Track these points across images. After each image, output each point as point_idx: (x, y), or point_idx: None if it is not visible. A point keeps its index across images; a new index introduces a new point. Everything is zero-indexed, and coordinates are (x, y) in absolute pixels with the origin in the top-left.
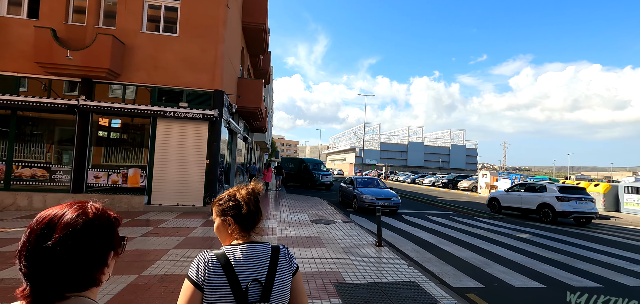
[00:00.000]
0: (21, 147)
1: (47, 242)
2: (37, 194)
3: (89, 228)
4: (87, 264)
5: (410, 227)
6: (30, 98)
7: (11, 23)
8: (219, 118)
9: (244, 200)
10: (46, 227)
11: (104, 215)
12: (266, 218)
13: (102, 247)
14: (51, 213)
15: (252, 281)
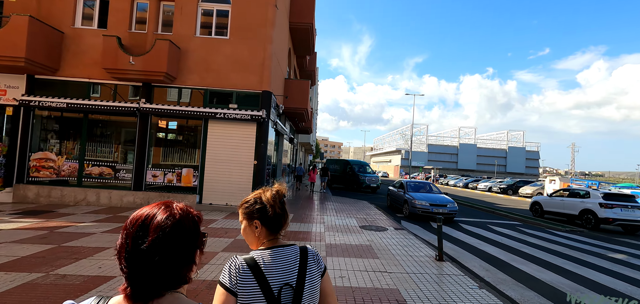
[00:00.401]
0: (91, 147)
1: (143, 244)
2: (103, 191)
3: (178, 229)
4: (179, 263)
5: (471, 238)
6: (99, 102)
7: (84, 34)
8: (266, 119)
9: (269, 202)
10: (140, 229)
11: (189, 215)
12: (313, 222)
13: (190, 246)
14: (142, 215)
15: (284, 286)
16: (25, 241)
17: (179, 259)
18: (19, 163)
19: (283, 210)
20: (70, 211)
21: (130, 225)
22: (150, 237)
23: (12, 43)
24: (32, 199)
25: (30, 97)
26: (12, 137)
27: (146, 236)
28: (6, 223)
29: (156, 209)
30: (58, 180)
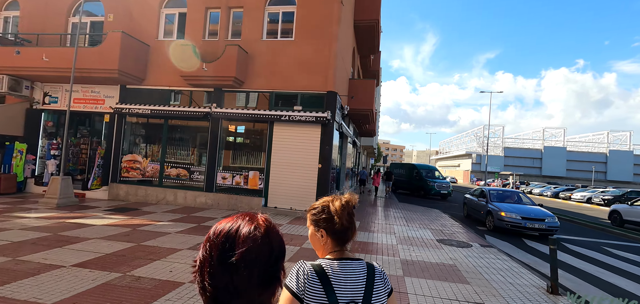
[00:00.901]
0: (170, 151)
1: (231, 257)
2: (180, 191)
3: (267, 242)
4: (267, 281)
5: (585, 263)
6: (176, 107)
7: (165, 44)
8: (331, 120)
9: (336, 213)
10: (226, 240)
11: (274, 228)
12: (381, 232)
13: (277, 262)
14: (226, 226)
15: (350, 303)
16: (111, 237)
17: (268, 277)
18: (113, 164)
19: (351, 222)
20: (151, 210)
21: (214, 236)
22: (239, 249)
23: (108, 57)
24: (122, 197)
25: (122, 105)
26: (109, 141)
27: (233, 248)
28: (99, 219)
29: (240, 220)
30: (143, 180)
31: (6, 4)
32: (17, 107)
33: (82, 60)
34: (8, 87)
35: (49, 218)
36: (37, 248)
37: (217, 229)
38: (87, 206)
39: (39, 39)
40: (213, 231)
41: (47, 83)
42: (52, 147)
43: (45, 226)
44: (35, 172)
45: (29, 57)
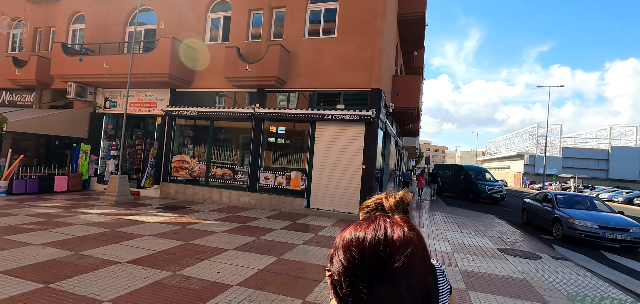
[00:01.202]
0: (215, 151)
1: (394, 262)
2: (224, 191)
3: (421, 247)
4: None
5: None
6: (221, 109)
7: (211, 48)
8: (376, 119)
9: (391, 210)
10: (379, 245)
11: (418, 232)
12: (433, 238)
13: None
14: (370, 231)
15: None
16: (162, 235)
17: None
18: (165, 164)
19: None
20: (198, 208)
21: (358, 242)
22: (399, 255)
23: (160, 61)
24: (172, 195)
25: (172, 107)
26: (160, 142)
27: (392, 254)
28: (152, 216)
29: (382, 222)
30: (191, 179)
31: (74, 18)
32: (83, 111)
33: (137, 65)
34: (75, 93)
35: (108, 214)
36: (97, 243)
37: (358, 236)
38: (141, 204)
39: (100, 48)
40: (352, 238)
41: (107, 88)
42: (111, 148)
43: (105, 222)
44: (97, 171)
45: (92, 65)
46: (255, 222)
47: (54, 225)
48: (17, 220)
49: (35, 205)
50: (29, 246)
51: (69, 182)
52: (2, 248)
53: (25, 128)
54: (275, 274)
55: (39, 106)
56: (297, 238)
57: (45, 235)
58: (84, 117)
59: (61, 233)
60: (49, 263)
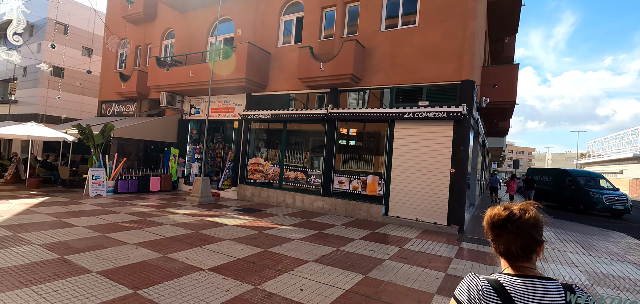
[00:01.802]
0: (288, 154)
1: None
2: (298, 194)
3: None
4: None
5: None
6: (294, 111)
7: (284, 51)
8: (467, 115)
9: (526, 225)
10: None
11: None
12: (554, 262)
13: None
14: None
15: None
16: (241, 240)
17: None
18: (241, 167)
19: (539, 234)
20: (273, 212)
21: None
22: None
23: (237, 67)
24: (248, 198)
25: (248, 111)
26: (237, 145)
27: None
28: (231, 218)
29: None
30: (265, 182)
31: (166, 34)
32: (172, 118)
33: (217, 72)
34: (166, 102)
35: (192, 215)
36: (183, 246)
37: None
38: (221, 205)
39: (187, 59)
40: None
41: (192, 96)
42: (195, 151)
43: (189, 223)
44: (184, 173)
45: (179, 75)
46: (332, 230)
47: (147, 225)
48: (118, 218)
49: (133, 204)
50: (125, 246)
51: (162, 183)
52: (103, 246)
53: (127, 134)
54: (367, 299)
55: (139, 115)
56: (380, 251)
57: (139, 235)
58: (173, 123)
59: (152, 233)
60: (139, 266)
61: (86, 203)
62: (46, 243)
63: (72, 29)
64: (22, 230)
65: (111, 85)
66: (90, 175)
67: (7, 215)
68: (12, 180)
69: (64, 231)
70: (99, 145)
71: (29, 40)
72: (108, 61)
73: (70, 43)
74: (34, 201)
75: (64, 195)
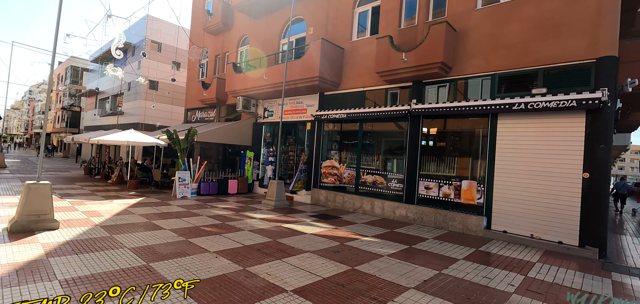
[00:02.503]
0: (365, 156)
1: None
2: (376, 200)
3: None
4: None
5: None
6: (372, 109)
7: (359, 45)
8: (608, 102)
9: None
10: None
11: None
12: None
13: None
14: None
15: None
16: (323, 253)
17: None
18: (315, 170)
19: None
20: (351, 219)
21: None
22: None
23: (310, 66)
24: (322, 202)
25: (321, 111)
26: (310, 147)
27: None
28: (308, 226)
29: None
30: (340, 186)
31: (242, 40)
32: (248, 122)
33: (290, 73)
34: (242, 106)
35: (269, 220)
36: (262, 257)
37: None
38: (296, 210)
39: (260, 62)
40: None
41: (266, 100)
42: (269, 154)
43: (267, 230)
44: (258, 175)
45: (253, 78)
46: (423, 244)
47: (226, 230)
48: (200, 221)
49: (214, 206)
50: (206, 255)
51: (239, 185)
52: (185, 253)
53: (208, 138)
54: None
55: (218, 120)
56: (499, 279)
57: (219, 242)
58: (248, 127)
59: (232, 241)
60: (220, 281)
61: (173, 204)
62: (135, 246)
63: (164, 46)
64: (117, 231)
65: (195, 94)
66: (177, 177)
67: (108, 215)
68: (117, 181)
69: (152, 234)
70: (184, 149)
71: (131, 58)
72: (192, 72)
73: (162, 58)
74: (131, 202)
75: (156, 195)
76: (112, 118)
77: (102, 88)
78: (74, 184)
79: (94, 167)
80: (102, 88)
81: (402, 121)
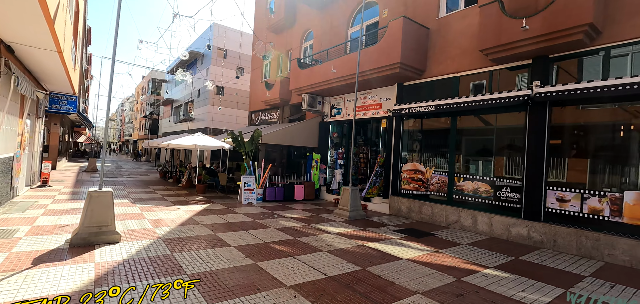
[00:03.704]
0: (460, 156)
1: None
2: (481, 214)
3: None
4: None
5: None
6: (473, 97)
7: (450, 21)
8: None
9: None
10: None
11: None
12: None
13: None
14: None
15: None
16: (439, 297)
17: None
18: (393, 174)
19: None
20: (449, 237)
21: None
22: None
23: (389, 50)
24: (404, 213)
25: (400, 105)
26: (387, 148)
27: None
28: (398, 246)
29: None
30: (426, 194)
31: (305, 35)
32: (313, 121)
33: (363, 62)
34: (307, 104)
35: (347, 236)
36: (356, 300)
37: None
38: (374, 222)
39: (327, 54)
40: None
41: (333, 96)
42: (338, 156)
43: (349, 251)
44: (326, 180)
45: (320, 73)
46: (584, 286)
47: (300, 249)
48: (269, 235)
49: (281, 215)
50: (281, 290)
51: (305, 191)
52: (255, 287)
53: (273, 140)
54: None
55: (281, 121)
56: None
57: (294, 267)
58: (314, 127)
59: (310, 267)
60: None
61: (239, 212)
62: (196, 272)
63: (229, 52)
64: (179, 248)
65: (258, 96)
66: (243, 182)
67: (173, 224)
68: (187, 185)
69: (216, 253)
70: (249, 152)
71: (200, 66)
72: (256, 73)
73: (228, 64)
74: (197, 208)
75: (221, 201)
76: (185, 125)
77: (176, 97)
78: (148, 187)
79: (168, 171)
80: (176, 97)
81: (518, 111)
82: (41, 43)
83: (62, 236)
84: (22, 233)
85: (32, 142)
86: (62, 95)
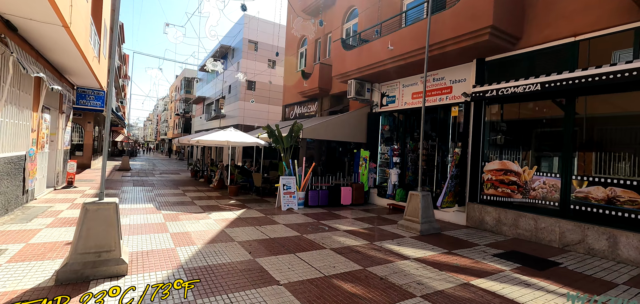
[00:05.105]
0: (580, 153)
1: None
2: (625, 234)
3: None
4: None
5: None
6: (613, 67)
7: None
8: None
9: None
10: None
11: None
12: None
13: None
14: None
15: None
16: None
17: None
18: (471, 176)
19: None
20: (586, 270)
21: None
22: None
23: (473, 13)
24: (490, 226)
25: (482, 87)
26: (462, 142)
27: None
28: (515, 286)
29: None
30: (524, 202)
31: (347, 15)
32: (360, 112)
33: (433, 33)
34: (355, 92)
35: (434, 265)
36: None
37: None
38: (456, 239)
39: (381, 29)
40: None
41: (384, 82)
42: (394, 154)
43: (453, 295)
44: (376, 181)
45: (371, 53)
46: None
47: (379, 291)
48: (327, 262)
49: (332, 228)
50: None
51: (353, 194)
52: None
53: (313, 134)
54: None
55: (320, 114)
56: None
57: None
58: (361, 119)
59: None
60: None
61: (279, 222)
62: None
63: (260, 44)
64: (207, 287)
65: (293, 88)
66: (282, 184)
67: (200, 242)
68: (218, 186)
69: (261, 298)
70: (288, 149)
71: (231, 60)
72: (290, 63)
73: (259, 57)
74: (230, 217)
75: (257, 205)
76: (216, 122)
77: (207, 94)
78: (178, 189)
79: (199, 170)
80: (208, 94)
81: None
82: (40, 14)
83: (56, 262)
84: (5, 258)
85: (56, 140)
86: (89, 90)
